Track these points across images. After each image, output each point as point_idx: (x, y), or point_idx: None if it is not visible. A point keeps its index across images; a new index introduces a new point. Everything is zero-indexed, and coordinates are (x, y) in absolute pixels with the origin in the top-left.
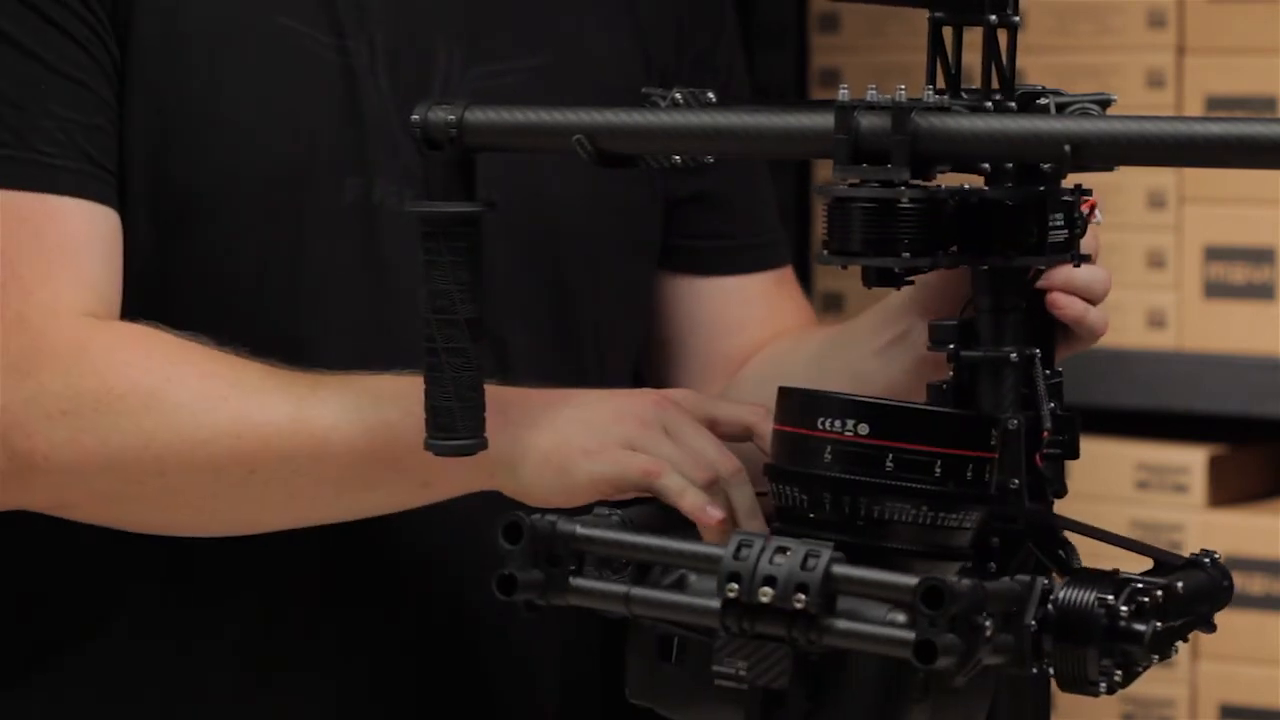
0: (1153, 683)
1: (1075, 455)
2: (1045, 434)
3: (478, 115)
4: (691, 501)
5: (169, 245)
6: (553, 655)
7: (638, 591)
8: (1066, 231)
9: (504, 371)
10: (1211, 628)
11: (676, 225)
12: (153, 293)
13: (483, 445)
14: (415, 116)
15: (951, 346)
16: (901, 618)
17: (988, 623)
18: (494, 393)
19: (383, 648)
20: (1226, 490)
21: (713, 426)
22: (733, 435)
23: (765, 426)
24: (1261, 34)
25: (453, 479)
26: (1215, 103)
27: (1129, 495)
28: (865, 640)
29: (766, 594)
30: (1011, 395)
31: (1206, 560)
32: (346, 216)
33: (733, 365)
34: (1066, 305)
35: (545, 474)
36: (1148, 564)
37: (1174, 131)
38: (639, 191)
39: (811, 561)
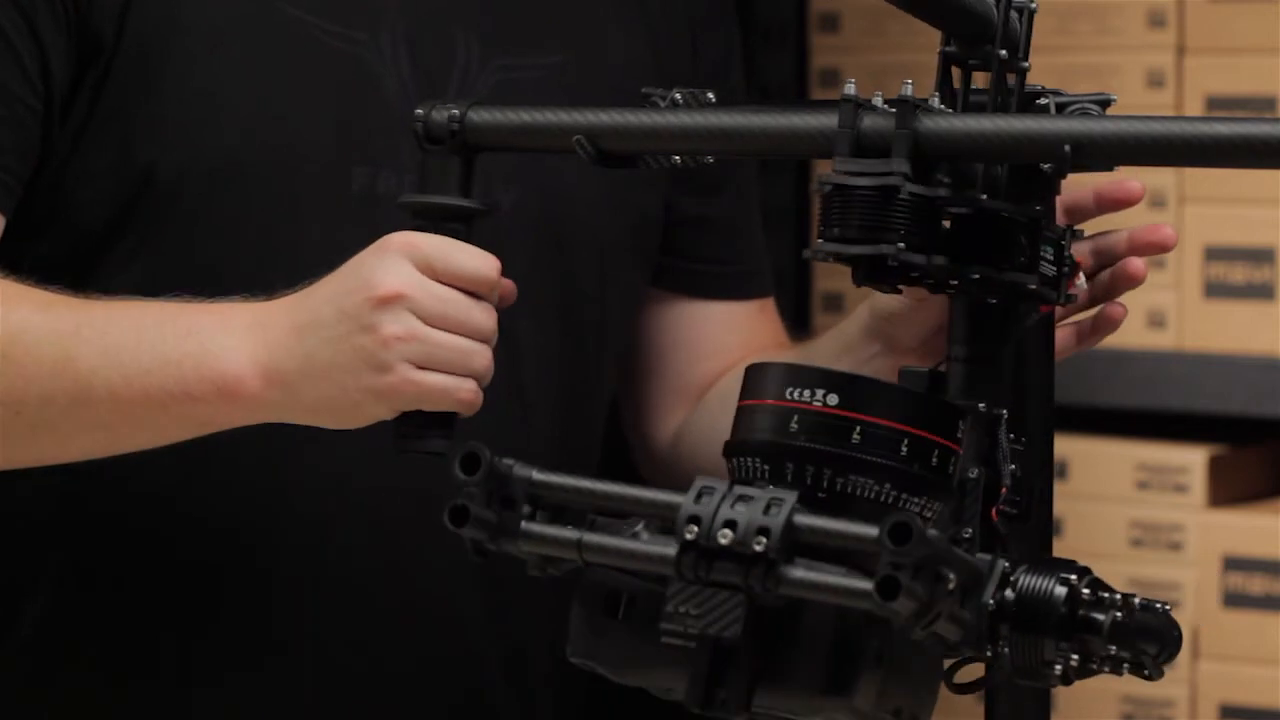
0: (1152, 683)
1: (1029, 519)
2: (1003, 490)
3: (480, 114)
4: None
5: (168, 231)
6: (544, 641)
7: (590, 537)
8: (1055, 269)
9: (513, 360)
10: (1158, 675)
11: (676, 245)
12: (144, 282)
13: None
14: (419, 112)
15: None
16: (861, 581)
17: (950, 577)
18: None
19: (375, 638)
20: (1226, 490)
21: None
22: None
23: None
24: (1261, 34)
25: (227, 419)
26: (1215, 103)
27: (1129, 495)
28: (822, 590)
29: (726, 536)
30: (975, 447)
31: (1159, 607)
32: (353, 205)
33: (703, 390)
34: (1139, 269)
35: (334, 416)
36: (1142, 569)
37: (1174, 131)
38: (651, 202)
39: (774, 509)
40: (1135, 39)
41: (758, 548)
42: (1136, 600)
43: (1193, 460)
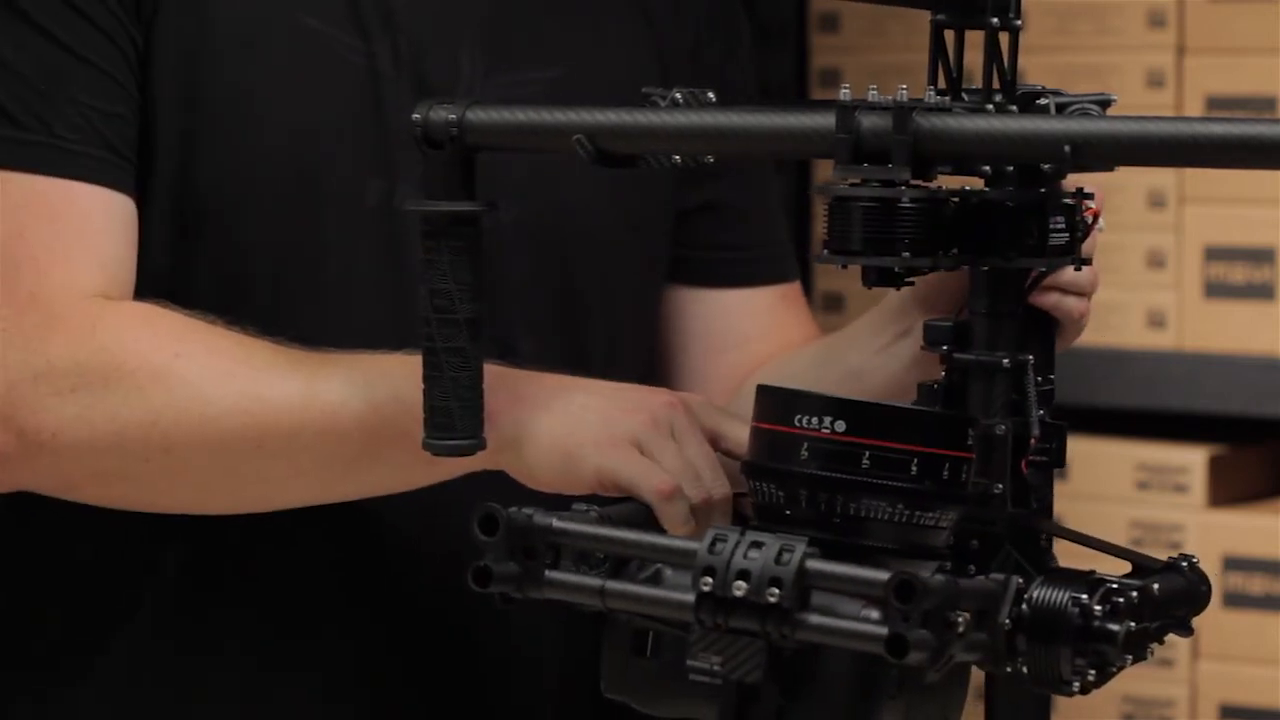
0: (1153, 683)
1: (1061, 463)
2: (1033, 441)
3: (478, 115)
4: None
5: (190, 244)
6: (554, 653)
7: (613, 585)
8: (1068, 235)
9: None
10: (1188, 631)
11: (685, 236)
12: (172, 292)
13: (480, 445)
14: (416, 115)
15: (945, 348)
16: (875, 614)
17: (961, 619)
18: (504, 373)
19: (388, 646)
20: (1226, 490)
21: (715, 441)
22: (731, 454)
23: None
24: (1261, 34)
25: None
26: (1215, 103)
27: (1129, 495)
28: (837, 635)
29: (740, 588)
30: (1002, 400)
31: (1185, 564)
32: (369, 219)
33: (736, 380)
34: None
35: (552, 459)
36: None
37: (1174, 131)
38: (654, 205)
39: (785, 556)
40: (1135, 39)
41: (771, 599)
42: (1160, 567)
43: (1193, 460)
